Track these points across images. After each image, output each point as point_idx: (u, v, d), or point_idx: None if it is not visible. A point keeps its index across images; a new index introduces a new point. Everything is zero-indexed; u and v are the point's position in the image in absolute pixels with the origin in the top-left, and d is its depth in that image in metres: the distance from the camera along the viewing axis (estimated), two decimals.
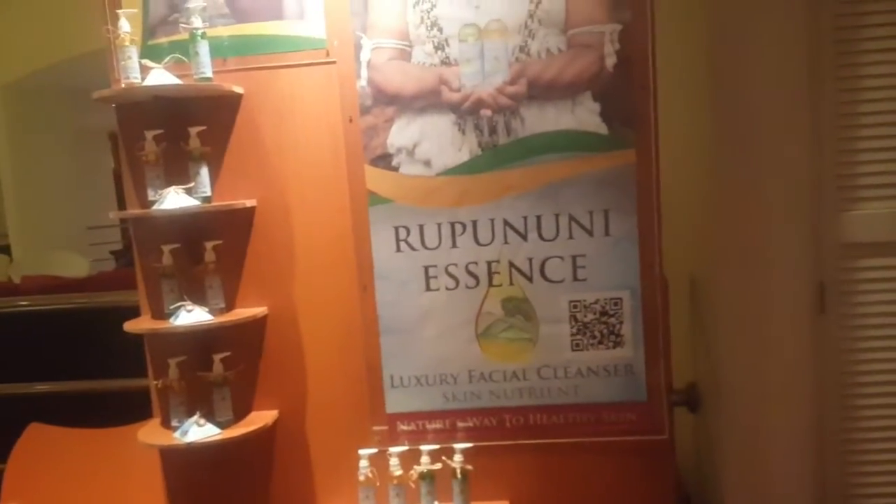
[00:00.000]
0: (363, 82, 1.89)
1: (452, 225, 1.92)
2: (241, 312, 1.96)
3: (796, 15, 1.89)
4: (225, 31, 1.93)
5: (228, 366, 1.94)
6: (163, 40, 1.95)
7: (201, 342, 1.96)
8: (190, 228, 1.94)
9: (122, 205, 2.06)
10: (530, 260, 1.92)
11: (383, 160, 1.91)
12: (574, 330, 1.93)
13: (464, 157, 1.89)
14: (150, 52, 1.91)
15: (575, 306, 1.93)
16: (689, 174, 2.20)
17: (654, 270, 1.89)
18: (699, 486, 2.52)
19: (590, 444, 1.96)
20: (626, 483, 1.97)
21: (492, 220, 1.91)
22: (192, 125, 1.89)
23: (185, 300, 1.89)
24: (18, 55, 5.54)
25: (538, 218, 1.90)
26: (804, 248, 1.96)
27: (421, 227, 1.93)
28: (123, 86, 1.85)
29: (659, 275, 1.90)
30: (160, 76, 1.83)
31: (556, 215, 1.89)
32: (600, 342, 1.93)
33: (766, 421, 2.03)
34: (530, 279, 1.93)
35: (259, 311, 1.97)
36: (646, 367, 1.93)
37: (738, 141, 1.97)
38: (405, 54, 1.87)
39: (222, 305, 1.95)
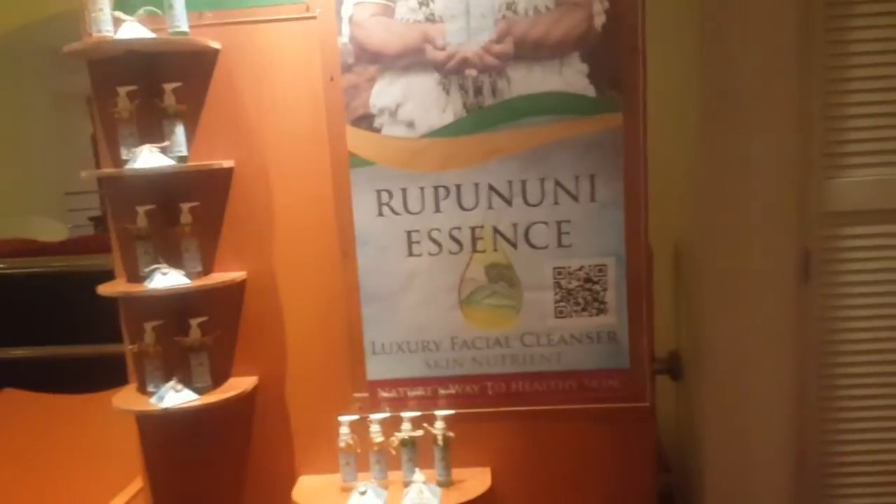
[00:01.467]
0: (345, 39, 1.83)
1: (436, 189, 1.88)
2: (219, 276, 1.92)
3: None
4: None
5: (206, 331, 1.90)
6: None
7: (178, 306, 1.91)
8: (165, 189, 1.89)
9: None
10: (515, 225, 1.89)
11: (365, 121, 1.86)
12: (558, 297, 1.91)
13: (448, 118, 1.84)
14: (123, 5, 1.83)
15: (559, 273, 1.90)
16: (676, 140, 2.17)
17: (639, 237, 1.87)
18: (680, 454, 2.54)
19: (572, 411, 1.95)
20: (607, 450, 1.97)
21: (476, 185, 1.88)
22: (168, 81, 1.82)
23: (160, 263, 1.85)
24: None
25: (523, 182, 1.86)
26: (789, 215, 1.95)
27: (404, 191, 1.89)
28: (95, 39, 1.77)
29: (644, 242, 1.88)
30: (133, 30, 1.76)
31: (542, 180, 1.86)
32: (584, 309, 1.91)
33: (747, 389, 2.03)
34: (514, 245, 1.90)
35: (237, 275, 1.93)
36: (629, 334, 1.91)
37: (725, 107, 1.95)
38: (388, 10, 1.81)
39: (199, 269, 1.90)
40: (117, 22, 1.78)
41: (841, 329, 2.01)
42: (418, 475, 1.88)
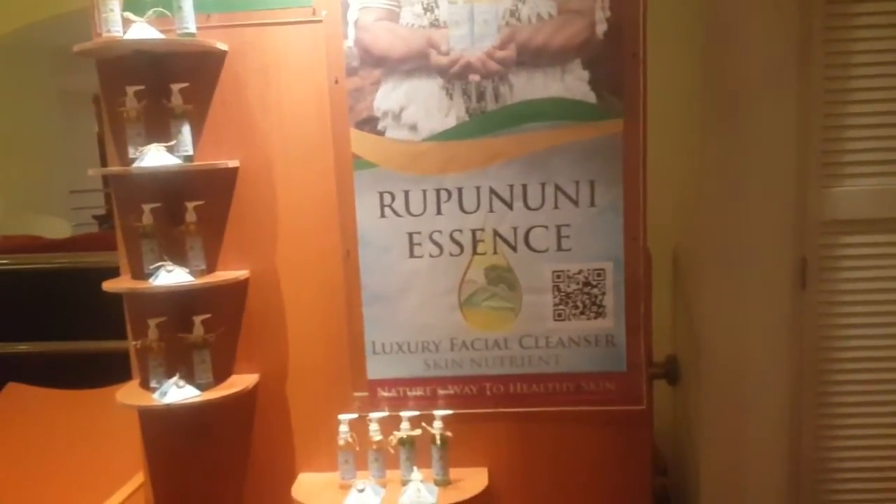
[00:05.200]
0: (350, 43, 1.86)
1: (438, 191, 1.91)
2: (223, 274, 1.95)
3: None
4: None
5: (209, 328, 1.92)
6: None
7: (181, 303, 1.94)
8: (171, 188, 1.91)
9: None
10: (515, 229, 1.91)
11: (369, 123, 1.89)
12: (557, 300, 1.93)
13: (451, 122, 1.87)
14: (133, 6, 1.86)
15: (558, 276, 1.92)
16: (675, 146, 2.19)
17: (637, 242, 1.89)
18: (676, 457, 2.56)
19: (569, 413, 1.97)
20: (603, 452, 1.99)
21: (477, 188, 1.90)
22: (175, 82, 1.85)
23: (165, 260, 1.87)
24: (0, 13, 5.41)
25: (524, 186, 1.89)
26: (787, 223, 1.97)
27: (406, 193, 1.91)
28: (104, 39, 1.80)
29: (642, 247, 1.90)
30: (142, 30, 1.79)
31: (542, 184, 1.88)
32: (582, 312, 1.93)
33: (743, 395, 2.05)
34: (514, 248, 1.92)
35: (241, 273, 1.95)
36: (626, 338, 1.93)
37: (724, 115, 1.97)
38: (393, 15, 1.84)
39: (203, 267, 1.93)
40: (127, 22, 1.81)
41: (837, 336, 2.03)
42: (416, 474, 1.90)
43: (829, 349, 2.03)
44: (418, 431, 1.92)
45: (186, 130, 1.87)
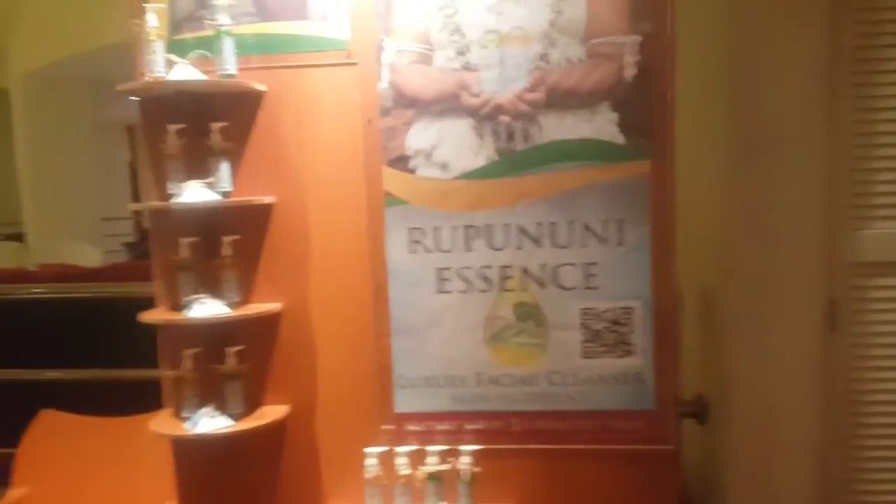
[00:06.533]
0: (384, 84, 1.91)
1: (467, 229, 1.94)
2: (256, 307, 1.99)
3: (817, 33, 1.90)
4: (249, 29, 1.95)
5: (241, 359, 1.96)
6: (188, 36, 1.98)
7: (215, 335, 1.98)
8: (208, 222, 1.96)
9: (136, 197, 2.09)
10: (543, 266, 1.93)
11: (401, 162, 1.93)
12: (585, 337, 1.94)
13: (481, 161, 1.91)
14: (176, 47, 1.94)
15: (586, 314, 1.93)
16: (704, 187, 2.20)
17: (666, 282, 1.90)
18: (704, 499, 2.52)
19: (596, 451, 1.97)
20: (630, 492, 1.97)
21: (506, 226, 1.93)
22: (215, 121, 1.91)
23: (200, 293, 1.92)
24: (42, 44, 5.59)
25: (552, 225, 1.91)
26: (817, 265, 1.97)
27: (436, 230, 1.95)
28: (148, 79, 1.87)
29: (671, 286, 1.90)
30: (185, 71, 1.86)
31: (571, 223, 1.91)
32: (610, 350, 1.94)
33: (773, 436, 2.04)
34: (543, 285, 1.94)
35: (273, 306, 1.99)
36: (655, 376, 1.93)
37: (754, 156, 1.99)
38: (427, 58, 1.89)
39: (237, 300, 1.97)
40: (169, 63, 1.88)
41: (867, 378, 2.01)
42: None
43: (858, 391, 2.01)
44: (446, 466, 1.93)
45: (225, 167, 1.93)
